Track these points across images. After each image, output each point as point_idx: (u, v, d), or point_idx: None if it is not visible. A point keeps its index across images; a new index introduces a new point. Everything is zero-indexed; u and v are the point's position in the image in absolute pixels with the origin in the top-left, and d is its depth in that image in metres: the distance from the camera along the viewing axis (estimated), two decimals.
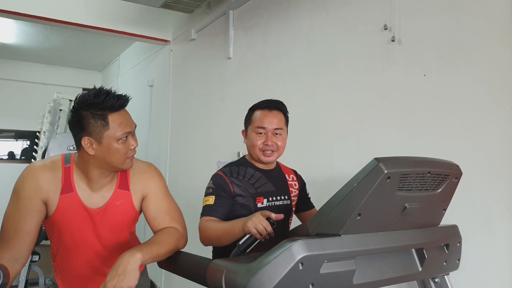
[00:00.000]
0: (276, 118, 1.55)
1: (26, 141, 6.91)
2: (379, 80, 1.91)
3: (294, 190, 1.66)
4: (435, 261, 1.23)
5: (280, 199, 1.58)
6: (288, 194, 1.62)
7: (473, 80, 1.55)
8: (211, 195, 1.47)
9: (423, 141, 1.71)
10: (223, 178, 1.50)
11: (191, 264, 1.24)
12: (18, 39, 5.29)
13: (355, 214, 0.98)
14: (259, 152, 1.53)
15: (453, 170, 1.15)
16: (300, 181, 1.72)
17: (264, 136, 1.53)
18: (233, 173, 1.53)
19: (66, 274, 1.47)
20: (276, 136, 1.54)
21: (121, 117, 1.31)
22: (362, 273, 1.05)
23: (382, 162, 0.96)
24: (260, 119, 1.54)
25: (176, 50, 4.06)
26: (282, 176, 1.65)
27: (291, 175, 1.69)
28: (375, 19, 1.93)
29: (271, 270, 0.92)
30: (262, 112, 1.55)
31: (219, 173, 1.53)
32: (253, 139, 1.54)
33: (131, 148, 1.33)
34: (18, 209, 1.29)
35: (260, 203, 1.52)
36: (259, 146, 1.52)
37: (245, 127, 1.62)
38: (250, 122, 1.57)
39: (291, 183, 1.66)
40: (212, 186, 1.49)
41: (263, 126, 1.53)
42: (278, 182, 1.60)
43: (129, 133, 1.33)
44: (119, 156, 1.31)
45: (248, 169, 1.56)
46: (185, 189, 3.52)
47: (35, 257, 3.54)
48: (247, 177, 1.53)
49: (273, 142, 1.52)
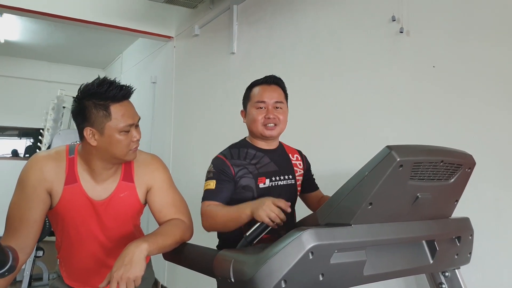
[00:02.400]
0: (275, 92, 1.52)
1: (29, 139, 6.92)
2: (387, 73, 1.88)
3: (299, 169, 1.61)
4: (446, 253, 1.20)
5: (284, 178, 1.53)
6: (292, 174, 1.57)
7: (484, 70, 1.52)
8: (212, 179, 1.44)
9: (432, 134, 1.68)
10: (223, 161, 1.47)
11: (198, 255, 1.22)
12: (21, 36, 5.29)
13: (366, 203, 0.96)
14: (261, 127, 1.49)
15: (467, 160, 1.12)
16: (306, 162, 1.67)
17: (264, 110, 1.49)
18: (234, 155, 1.49)
19: (70, 266, 1.46)
20: (277, 110, 1.50)
21: (124, 108, 1.29)
22: (372, 264, 1.03)
23: (394, 150, 0.93)
24: (259, 94, 1.51)
25: (179, 46, 4.04)
26: (285, 155, 1.61)
27: (295, 154, 1.65)
28: (382, 10, 1.90)
29: (280, 259, 0.90)
30: (260, 87, 1.53)
31: (220, 156, 1.50)
32: (253, 115, 1.50)
33: (133, 140, 1.31)
34: (23, 199, 1.28)
35: (262, 183, 1.47)
36: (261, 120, 1.48)
37: (244, 106, 1.58)
38: (249, 99, 1.54)
39: (295, 163, 1.61)
40: (212, 170, 1.46)
41: (263, 100, 1.49)
42: (281, 162, 1.56)
43: (132, 125, 1.30)
44: (121, 147, 1.29)
45: (249, 150, 1.52)
46: (188, 185, 3.48)
47: (39, 253, 3.54)
48: (248, 158, 1.49)
49: (275, 115, 1.49)
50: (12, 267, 0.97)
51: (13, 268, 0.99)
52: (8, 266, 0.99)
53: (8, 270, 1.05)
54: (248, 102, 1.55)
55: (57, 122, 5.16)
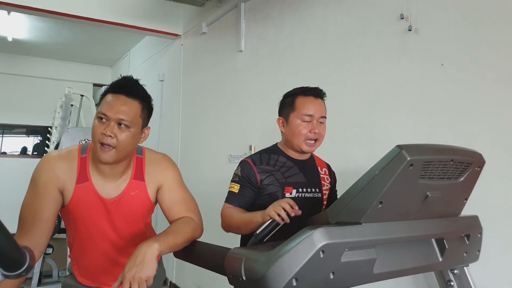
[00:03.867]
0: (321, 106, 1.51)
1: (37, 137, 6.98)
2: (395, 70, 1.88)
3: (326, 184, 1.60)
4: (455, 251, 1.20)
5: (311, 191, 1.53)
6: (319, 187, 1.56)
7: (493, 69, 1.51)
8: (237, 183, 1.47)
9: (441, 132, 1.68)
10: (250, 167, 1.47)
11: (209, 253, 1.23)
12: (29, 34, 5.33)
13: (376, 202, 0.96)
14: (303, 141, 1.47)
15: (476, 159, 1.12)
16: (333, 177, 1.66)
17: (310, 124, 1.47)
18: (263, 161, 1.49)
19: (82, 264, 1.48)
20: (320, 125, 1.49)
21: (113, 100, 1.26)
22: (382, 262, 1.03)
23: (404, 149, 0.94)
24: (307, 107, 1.48)
25: (186, 44, 4.05)
26: (315, 168, 1.60)
27: (324, 168, 1.64)
28: (391, 8, 1.90)
29: (291, 258, 0.91)
30: (308, 99, 1.49)
31: (248, 160, 1.49)
32: (298, 127, 1.47)
33: (105, 133, 1.25)
34: (36, 198, 1.30)
35: (288, 193, 1.48)
36: (305, 134, 1.46)
37: (284, 114, 1.53)
38: (294, 109, 1.49)
39: (323, 177, 1.61)
40: (239, 174, 1.48)
41: (310, 114, 1.47)
42: (310, 174, 1.55)
43: (112, 120, 1.25)
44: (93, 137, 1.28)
45: (280, 157, 1.51)
46: (196, 183, 3.52)
47: (49, 250, 3.58)
48: (278, 165, 1.49)
49: (318, 131, 1.48)
50: (30, 267, 0.99)
51: (30, 268, 1.01)
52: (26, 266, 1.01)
53: (26, 270, 1.07)
54: (291, 112, 1.50)
55: (65, 120, 5.20)
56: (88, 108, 5.73)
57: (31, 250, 1.16)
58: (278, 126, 1.56)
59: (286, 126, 1.52)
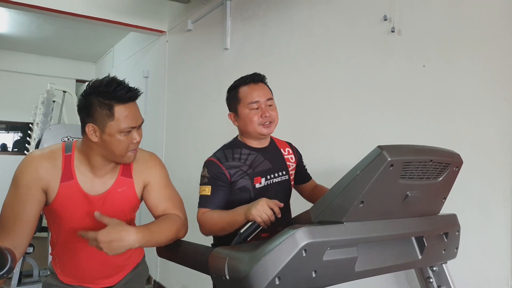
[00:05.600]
0: (264, 89, 1.52)
1: (17, 133, 6.83)
2: (379, 71, 1.91)
3: (291, 163, 1.62)
4: (434, 249, 1.24)
5: (278, 175, 1.55)
6: (286, 169, 1.58)
7: (473, 70, 1.55)
8: (207, 184, 1.44)
9: (423, 132, 1.71)
10: (217, 165, 1.46)
11: (193, 253, 1.23)
12: (10, 28, 5.20)
13: (358, 201, 0.98)
14: (259, 127, 1.48)
15: (455, 159, 1.15)
16: (297, 154, 1.69)
17: (259, 110, 1.48)
18: (228, 157, 1.48)
19: (65, 262, 1.47)
20: (270, 107, 1.51)
21: (128, 110, 1.31)
22: (364, 261, 1.06)
23: (385, 149, 0.96)
24: (251, 94, 1.49)
25: (172, 41, 4.02)
26: (278, 151, 1.62)
27: (287, 148, 1.66)
28: (375, 9, 1.92)
29: (274, 257, 0.92)
30: (249, 87, 1.50)
31: (213, 159, 1.48)
32: (249, 116, 1.48)
33: (133, 142, 1.34)
34: (17, 198, 1.28)
35: (258, 183, 1.49)
36: (257, 121, 1.47)
37: (232, 108, 1.56)
38: (239, 101, 1.51)
39: (287, 157, 1.63)
40: (207, 175, 1.45)
41: (256, 100, 1.48)
42: (274, 159, 1.57)
43: (134, 127, 1.33)
44: (121, 147, 1.31)
45: (243, 150, 1.52)
46: (181, 181, 3.49)
47: (30, 249, 3.51)
48: (242, 158, 1.50)
49: (269, 113, 1.49)
50: (11, 268, 0.98)
51: (11, 270, 1.00)
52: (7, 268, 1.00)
53: (7, 272, 1.06)
54: (238, 104, 1.52)
55: (47, 116, 5.10)
56: (71, 105, 5.63)
57: (12, 252, 1.14)
58: (231, 121, 1.58)
59: (238, 120, 1.54)
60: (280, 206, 1.23)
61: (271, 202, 1.23)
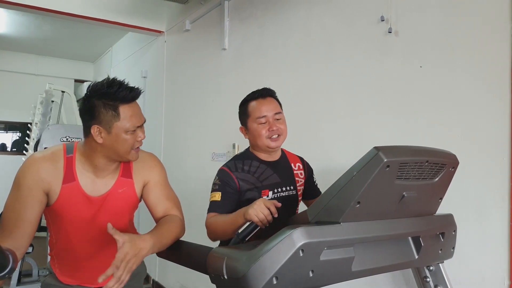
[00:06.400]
0: (272, 104, 1.57)
1: (16, 133, 6.83)
2: (376, 72, 1.92)
3: (300, 179, 1.66)
4: (431, 249, 1.25)
5: (286, 190, 1.58)
6: (293, 184, 1.62)
7: (469, 71, 1.56)
8: (218, 191, 1.49)
9: (420, 132, 1.73)
10: (228, 174, 1.51)
11: (191, 253, 1.24)
12: (8, 28, 5.20)
13: (354, 202, 1.00)
14: (267, 140, 1.53)
15: (451, 160, 1.16)
16: (307, 169, 1.71)
17: (267, 124, 1.53)
18: (238, 168, 1.53)
19: (65, 262, 1.48)
20: (278, 121, 1.55)
21: (132, 110, 1.34)
22: (360, 261, 1.07)
23: (381, 150, 0.97)
24: (258, 109, 1.54)
25: (170, 41, 4.03)
26: (288, 165, 1.65)
27: (297, 163, 1.69)
28: (372, 10, 1.93)
29: (272, 257, 0.93)
30: (257, 102, 1.56)
31: (224, 168, 1.54)
32: (257, 130, 1.54)
33: (138, 140, 1.36)
34: (19, 200, 1.29)
35: (265, 196, 1.52)
36: (265, 134, 1.52)
37: (243, 122, 1.62)
38: (248, 116, 1.57)
39: (297, 172, 1.66)
40: (218, 182, 1.51)
41: (263, 115, 1.53)
42: (283, 173, 1.60)
43: (139, 126, 1.36)
44: (126, 146, 1.34)
45: (253, 162, 1.56)
46: (179, 181, 3.51)
47: (29, 249, 3.52)
48: (252, 170, 1.54)
49: (277, 127, 1.54)
50: (12, 269, 0.99)
51: (12, 270, 1.01)
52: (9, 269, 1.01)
53: (9, 272, 1.07)
54: (247, 119, 1.58)
55: (46, 116, 5.10)
56: (69, 105, 5.63)
57: (13, 252, 1.15)
58: (243, 135, 1.63)
59: (248, 133, 1.60)
60: (277, 206, 1.25)
61: (268, 201, 1.25)
